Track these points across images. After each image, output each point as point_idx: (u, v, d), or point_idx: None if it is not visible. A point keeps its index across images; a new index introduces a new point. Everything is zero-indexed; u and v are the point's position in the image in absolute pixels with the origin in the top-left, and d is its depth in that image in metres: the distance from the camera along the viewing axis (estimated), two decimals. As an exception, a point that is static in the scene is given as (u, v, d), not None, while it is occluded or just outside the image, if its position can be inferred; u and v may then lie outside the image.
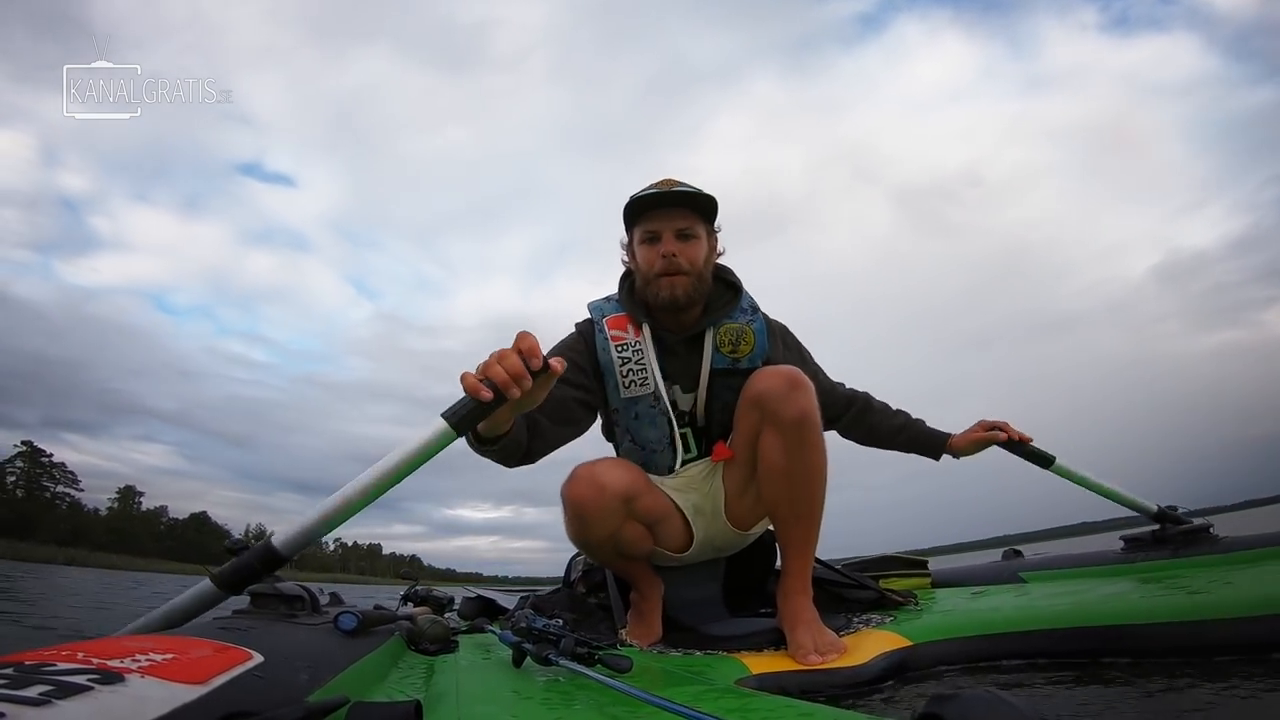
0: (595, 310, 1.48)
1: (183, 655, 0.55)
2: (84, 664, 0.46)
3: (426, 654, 1.20)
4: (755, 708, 0.74)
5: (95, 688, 0.41)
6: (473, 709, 0.74)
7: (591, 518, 1.30)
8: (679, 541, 1.42)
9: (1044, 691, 1.07)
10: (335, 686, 0.68)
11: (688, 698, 0.79)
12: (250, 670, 0.57)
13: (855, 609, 1.57)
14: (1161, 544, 1.70)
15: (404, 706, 0.60)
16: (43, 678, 0.41)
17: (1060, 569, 1.85)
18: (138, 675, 0.46)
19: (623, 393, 1.40)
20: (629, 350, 1.40)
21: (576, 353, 1.42)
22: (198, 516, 70.33)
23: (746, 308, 1.46)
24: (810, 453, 1.26)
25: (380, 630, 1.05)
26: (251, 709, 0.50)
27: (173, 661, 0.52)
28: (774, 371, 1.30)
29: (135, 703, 0.42)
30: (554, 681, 0.88)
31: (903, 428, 1.65)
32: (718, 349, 1.40)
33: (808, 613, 1.26)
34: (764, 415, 1.28)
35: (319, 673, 0.68)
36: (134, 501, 65.10)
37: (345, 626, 0.90)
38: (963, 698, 0.45)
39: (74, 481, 56.73)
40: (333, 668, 0.73)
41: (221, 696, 0.49)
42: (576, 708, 0.75)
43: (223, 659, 0.57)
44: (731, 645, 1.28)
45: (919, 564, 2.02)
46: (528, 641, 0.95)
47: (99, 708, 0.39)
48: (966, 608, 1.50)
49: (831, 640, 1.20)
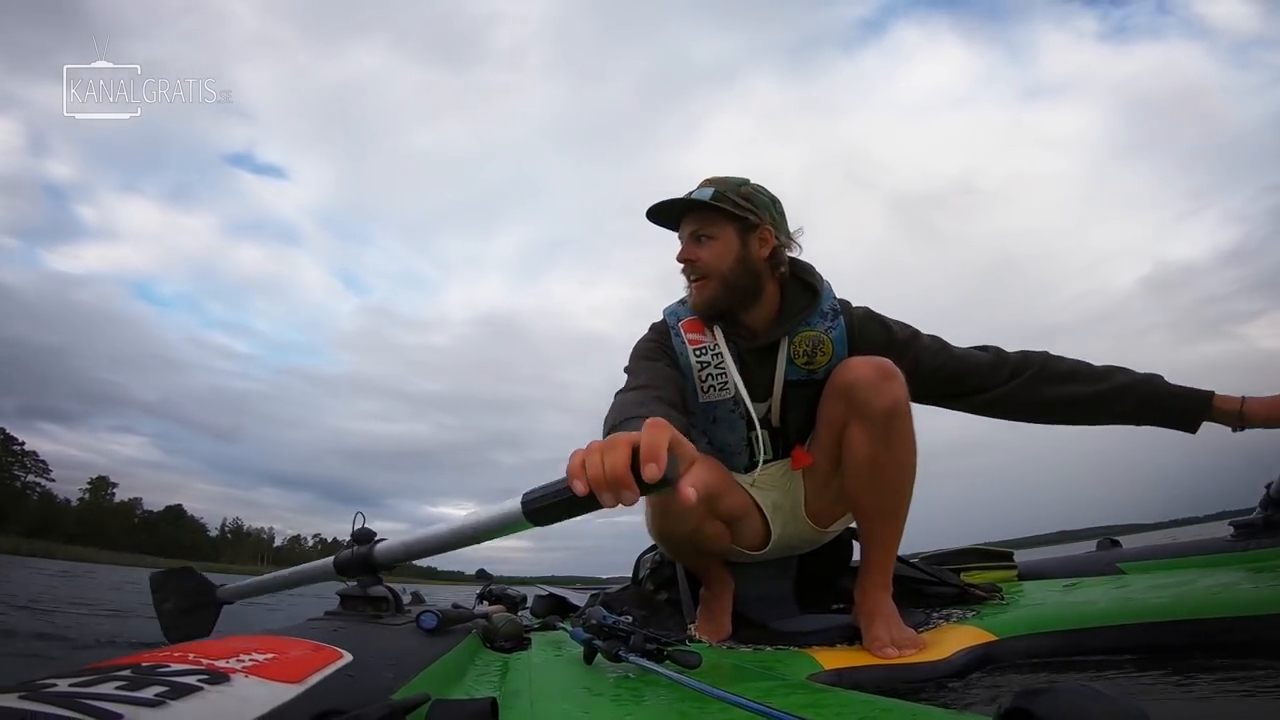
0: (670, 314, 1.42)
1: (282, 655, 0.59)
2: (194, 664, 0.50)
3: (501, 651, 1.25)
4: (828, 703, 0.73)
5: (205, 688, 0.45)
6: (546, 705, 0.76)
7: (676, 513, 1.28)
8: (756, 539, 1.40)
9: (1142, 687, 1.00)
10: (417, 684, 0.72)
11: (758, 693, 0.78)
12: (341, 669, 0.61)
13: (935, 604, 1.51)
14: (1275, 530, 1.56)
15: (481, 704, 0.63)
16: (158, 679, 0.45)
17: (1162, 559, 1.73)
18: (242, 675, 0.50)
19: (701, 397, 1.37)
20: (707, 354, 1.36)
21: (665, 349, 1.37)
22: (173, 509, 69.42)
23: (827, 311, 1.34)
24: (900, 446, 1.21)
25: (458, 629, 1.09)
26: (342, 706, 0.53)
27: (273, 661, 0.56)
28: (864, 362, 1.24)
29: (239, 702, 0.46)
30: (624, 678, 0.90)
31: (1123, 390, 1.28)
32: (792, 360, 1.33)
33: (886, 607, 1.22)
34: (852, 406, 1.23)
35: (403, 671, 0.72)
36: (106, 493, 63.60)
37: (426, 625, 0.95)
38: (1055, 691, 0.42)
39: (45, 471, 55.98)
40: (415, 666, 0.77)
41: (316, 694, 0.53)
42: (647, 703, 0.76)
43: (317, 658, 0.61)
44: (803, 640, 1.27)
45: (1004, 556, 1.92)
46: (598, 638, 0.97)
47: (208, 707, 0.43)
48: (1057, 600, 1.43)
49: (910, 635, 1.17)
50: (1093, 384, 1.29)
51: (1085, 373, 1.31)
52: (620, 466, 0.69)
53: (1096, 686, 0.42)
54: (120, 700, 0.40)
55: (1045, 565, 1.97)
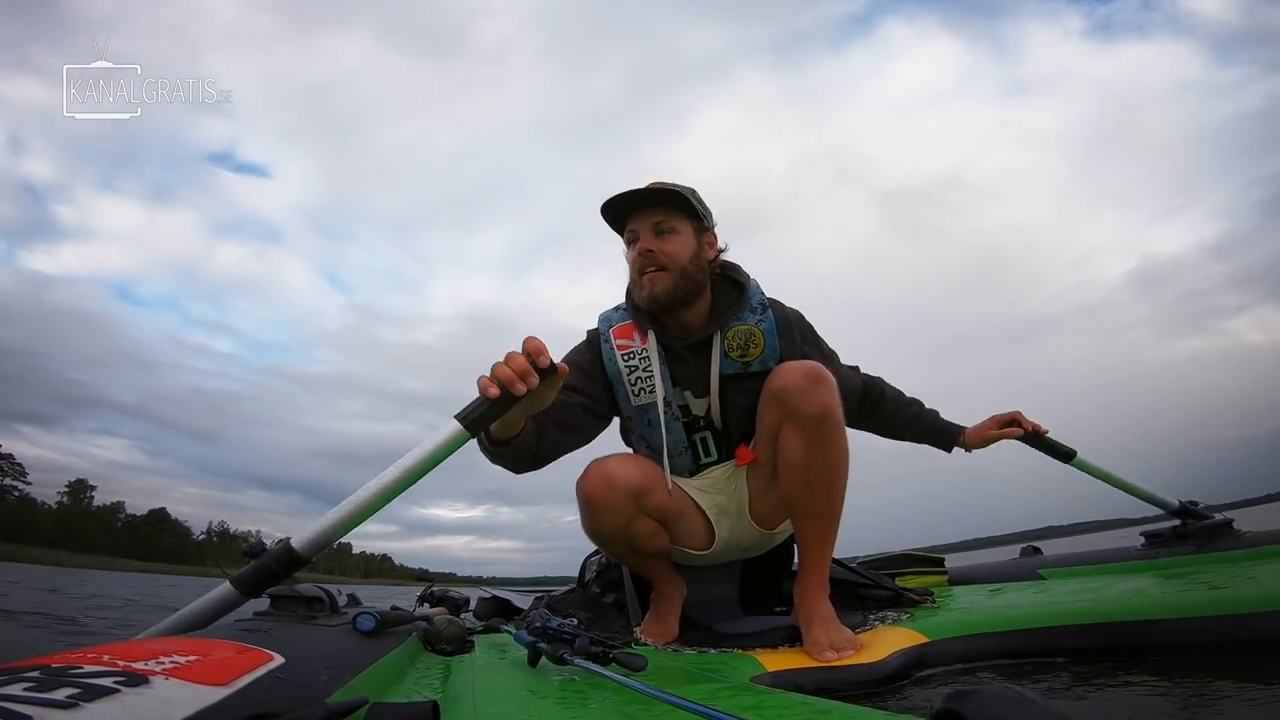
0: (603, 321, 1.47)
1: (205, 657, 0.56)
2: (110, 666, 0.47)
3: (443, 654, 1.21)
4: (771, 705, 0.74)
5: (121, 690, 0.42)
6: (489, 709, 0.74)
7: (601, 511, 1.32)
8: (700, 540, 1.42)
9: (1064, 688, 1.06)
10: (354, 687, 0.69)
11: (703, 696, 0.79)
12: (272, 671, 0.58)
13: (871, 606, 1.56)
14: (1183, 539, 1.68)
15: (422, 706, 0.61)
16: (69, 680, 0.42)
17: (1080, 565, 1.83)
18: (162, 677, 0.47)
19: (633, 400, 1.41)
20: (635, 359, 1.40)
21: (584, 360, 1.42)
22: (156, 513, 68.83)
23: (755, 306, 1.42)
24: (831, 449, 1.25)
25: (398, 631, 1.06)
26: (273, 710, 0.51)
27: (196, 663, 0.53)
28: (795, 367, 1.29)
29: (161, 705, 0.43)
30: (569, 681, 0.89)
31: (915, 418, 1.62)
32: (726, 354, 1.38)
33: (824, 609, 1.25)
34: (785, 411, 1.27)
35: (338, 673, 0.69)
36: (85, 496, 63.12)
37: (363, 627, 0.91)
38: (981, 693, 0.44)
39: (22, 474, 55.19)
40: (352, 668, 0.74)
41: (244, 698, 0.50)
42: (592, 707, 0.75)
43: (245, 660, 0.58)
44: (747, 643, 1.28)
45: (935, 561, 2.00)
46: (543, 641, 0.95)
47: (125, 710, 0.40)
48: (984, 605, 1.49)
49: (848, 637, 1.20)
50: (906, 409, 1.63)
51: (902, 400, 1.64)
52: (523, 363, 0.97)
53: (1020, 689, 0.45)
54: (29, 702, 0.37)
55: (973, 571, 2.06)
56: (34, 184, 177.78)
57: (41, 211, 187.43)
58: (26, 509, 55.53)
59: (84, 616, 3.50)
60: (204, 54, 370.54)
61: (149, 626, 0.94)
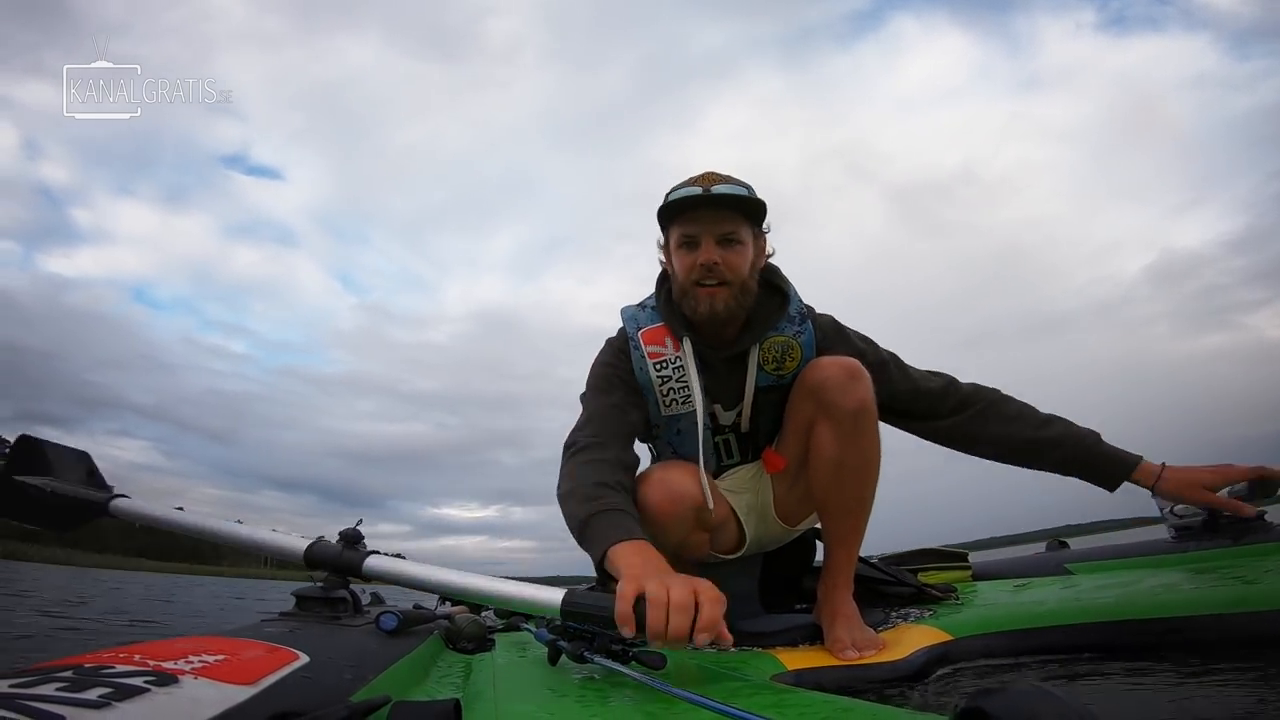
0: (630, 321, 1.36)
1: (234, 656, 0.57)
2: (140, 666, 0.48)
3: (464, 653, 1.23)
4: (791, 703, 0.73)
5: (151, 690, 0.43)
6: (510, 707, 0.75)
7: (668, 525, 1.24)
8: (731, 542, 1.40)
9: (1091, 685, 1.04)
10: (377, 686, 0.70)
11: (723, 694, 0.79)
12: (297, 670, 0.59)
13: (893, 604, 1.54)
14: (1214, 533, 1.63)
15: (443, 705, 0.62)
16: (101, 680, 0.43)
17: (1108, 560, 1.79)
18: (191, 676, 0.48)
19: (663, 410, 1.34)
20: (668, 368, 1.31)
21: (622, 372, 1.34)
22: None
23: (795, 315, 1.32)
24: (865, 445, 1.22)
25: (420, 630, 1.07)
26: (298, 708, 0.52)
27: (224, 663, 0.54)
28: (832, 361, 1.24)
29: (189, 704, 0.44)
30: (589, 679, 0.89)
31: (1059, 441, 1.29)
32: (762, 367, 1.32)
33: (847, 607, 1.24)
34: (820, 406, 1.23)
35: (362, 672, 0.70)
36: None
37: (386, 626, 0.92)
38: (1007, 692, 0.44)
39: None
40: (375, 667, 0.75)
41: (270, 696, 0.51)
42: (612, 704, 0.75)
43: (271, 660, 0.59)
44: (767, 641, 1.28)
45: (958, 557, 1.97)
46: (562, 639, 0.96)
47: (155, 709, 0.41)
48: (1009, 601, 1.47)
49: (870, 636, 1.19)
50: (1033, 429, 1.31)
51: (1030, 417, 1.33)
52: (684, 631, 0.76)
53: (1046, 687, 0.44)
54: (62, 702, 0.38)
55: (997, 566, 2.02)
56: (51, 188, 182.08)
57: (59, 215, 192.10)
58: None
59: (114, 616, 3.59)
60: (214, 56, 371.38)
61: (177, 627, 0.96)
